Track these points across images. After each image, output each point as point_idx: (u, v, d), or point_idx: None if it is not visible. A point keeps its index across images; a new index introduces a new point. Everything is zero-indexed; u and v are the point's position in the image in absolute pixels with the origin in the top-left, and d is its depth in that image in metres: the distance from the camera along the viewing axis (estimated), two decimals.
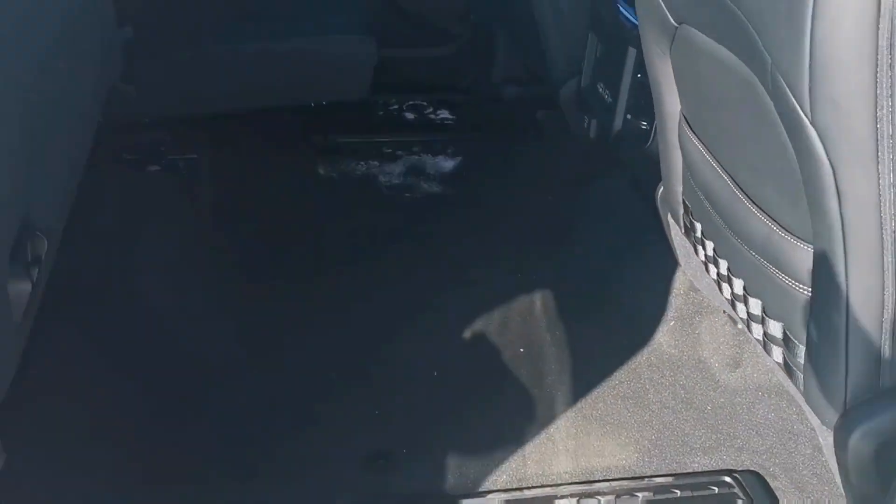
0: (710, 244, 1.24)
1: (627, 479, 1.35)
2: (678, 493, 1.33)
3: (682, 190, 1.35)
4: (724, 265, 1.20)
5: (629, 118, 1.52)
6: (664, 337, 1.57)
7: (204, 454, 1.37)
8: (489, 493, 1.32)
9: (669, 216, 1.43)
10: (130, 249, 1.75)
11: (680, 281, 1.59)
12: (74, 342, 1.52)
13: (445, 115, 2.39)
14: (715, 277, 1.26)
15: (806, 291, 0.98)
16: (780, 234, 0.99)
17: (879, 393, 0.92)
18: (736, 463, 1.38)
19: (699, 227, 1.27)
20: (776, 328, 1.08)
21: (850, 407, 0.94)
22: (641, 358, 1.54)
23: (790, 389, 1.19)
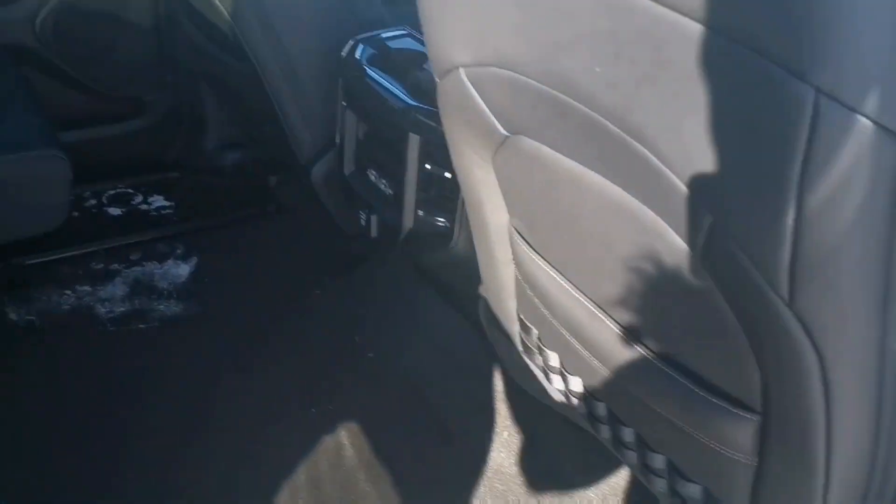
0: (574, 379, 1.02)
1: None
2: None
3: (516, 306, 1.12)
4: (601, 407, 0.99)
5: (422, 214, 1.26)
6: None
7: None
8: None
9: (497, 331, 1.20)
10: None
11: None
12: None
13: (160, 201, 1.96)
14: (583, 413, 1.05)
15: (744, 459, 0.80)
16: (705, 397, 0.79)
17: None
18: None
19: (553, 356, 1.05)
20: (693, 489, 0.89)
21: None
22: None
23: None
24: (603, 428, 1.02)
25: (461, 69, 0.85)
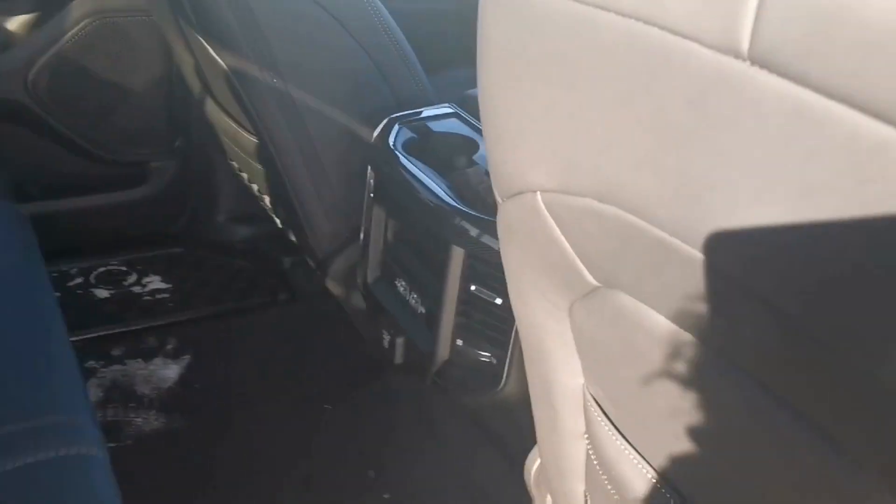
0: None
1: None
2: None
3: (584, 489, 0.84)
4: None
5: (461, 344, 0.98)
6: None
7: None
8: None
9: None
10: None
11: None
12: None
13: (156, 282, 1.71)
14: None
15: None
16: None
17: None
18: None
19: None
20: None
21: None
22: None
23: None
24: None
25: (538, 193, 0.59)
